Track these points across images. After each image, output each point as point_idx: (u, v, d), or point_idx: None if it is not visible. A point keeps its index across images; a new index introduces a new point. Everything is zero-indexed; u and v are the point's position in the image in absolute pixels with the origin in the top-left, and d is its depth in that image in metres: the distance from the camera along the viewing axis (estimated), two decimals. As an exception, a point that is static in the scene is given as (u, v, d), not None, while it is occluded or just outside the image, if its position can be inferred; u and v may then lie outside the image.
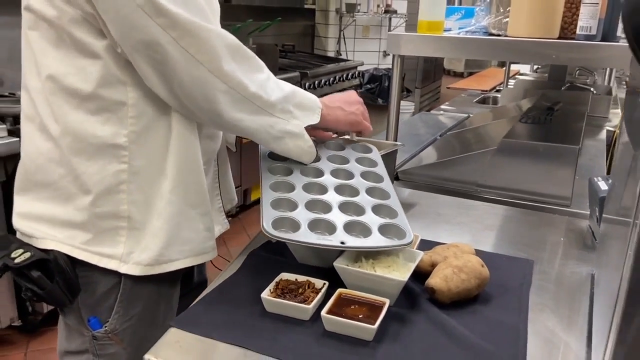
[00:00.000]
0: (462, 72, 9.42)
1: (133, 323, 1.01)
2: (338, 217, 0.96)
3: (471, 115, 2.59)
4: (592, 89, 2.97)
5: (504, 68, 4.99)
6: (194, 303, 0.91)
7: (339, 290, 0.89)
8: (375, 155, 1.20)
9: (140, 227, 0.95)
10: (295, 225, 0.93)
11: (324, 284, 0.91)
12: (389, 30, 5.59)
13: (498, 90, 3.57)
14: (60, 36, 0.88)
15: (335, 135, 1.22)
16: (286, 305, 0.86)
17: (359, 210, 1.00)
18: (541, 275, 1.05)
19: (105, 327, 0.99)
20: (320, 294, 0.88)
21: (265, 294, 0.88)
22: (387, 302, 0.86)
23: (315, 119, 1.04)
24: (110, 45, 0.88)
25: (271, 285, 0.90)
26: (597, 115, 2.62)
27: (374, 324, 0.80)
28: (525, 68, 4.65)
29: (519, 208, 1.44)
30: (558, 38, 1.33)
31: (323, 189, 1.05)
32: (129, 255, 0.95)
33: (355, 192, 1.05)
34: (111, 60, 0.88)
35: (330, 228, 0.94)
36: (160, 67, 0.87)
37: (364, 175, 1.12)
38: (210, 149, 1.06)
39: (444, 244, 1.07)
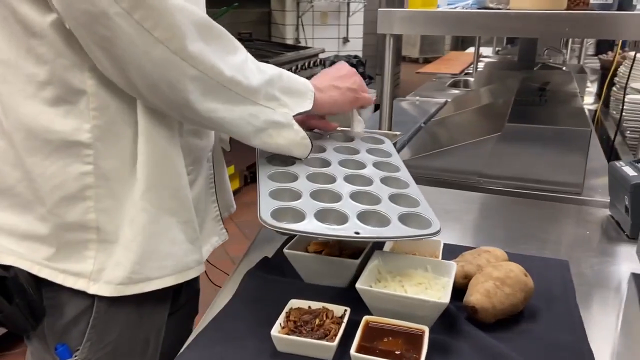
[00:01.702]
0: (417, 57, 9.37)
1: (108, 352, 0.85)
2: (350, 206, 0.81)
3: (449, 101, 2.47)
4: (563, 68, 2.91)
5: (467, 50, 4.94)
6: (183, 348, 0.73)
7: (366, 318, 0.72)
8: (389, 146, 1.04)
9: (112, 240, 0.80)
10: (299, 217, 0.77)
11: (345, 310, 0.75)
12: (348, 16, 5.44)
13: (467, 74, 3.47)
14: (2, 14, 0.72)
15: (337, 126, 1.05)
16: (304, 343, 0.69)
17: (374, 199, 0.84)
18: (579, 278, 0.92)
19: (76, 356, 0.84)
20: (343, 325, 0.71)
21: (276, 331, 0.70)
22: (427, 330, 0.70)
23: (307, 105, 0.89)
24: (58, 21, 0.70)
25: (281, 318, 0.73)
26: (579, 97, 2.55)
27: (417, 362, 0.65)
28: (487, 51, 4.60)
29: (527, 198, 1.32)
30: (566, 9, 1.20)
31: (331, 179, 0.88)
32: (100, 272, 0.80)
33: (368, 181, 0.89)
34: (60, 39, 0.72)
35: (341, 219, 0.78)
36: (111, 47, 0.70)
37: (377, 165, 0.96)
38: (196, 147, 0.88)
39: (469, 247, 0.92)
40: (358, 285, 0.74)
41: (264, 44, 4.62)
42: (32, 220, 0.80)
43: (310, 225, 0.75)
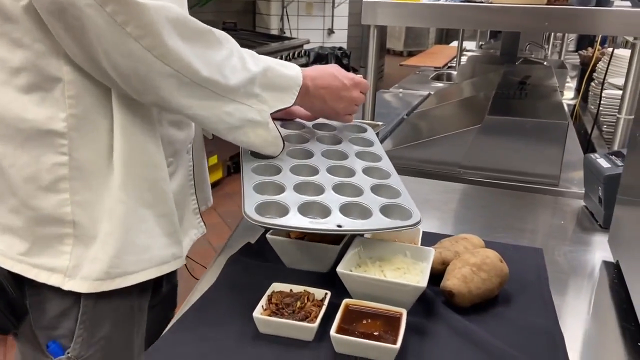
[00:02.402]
0: (401, 50, 9.40)
1: (102, 346, 0.84)
2: (333, 199, 0.83)
3: (432, 94, 2.49)
4: (545, 63, 2.95)
5: (451, 44, 4.97)
6: (167, 329, 0.74)
7: (346, 301, 0.74)
8: (371, 134, 1.06)
9: (89, 234, 0.78)
10: (282, 210, 0.79)
11: (326, 294, 0.76)
12: (333, 7, 5.43)
13: (450, 67, 3.50)
14: None
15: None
16: (285, 324, 0.71)
17: (357, 191, 0.87)
18: (552, 265, 0.95)
19: (69, 353, 0.82)
20: (323, 308, 0.73)
21: (258, 313, 0.72)
22: (404, 312, 0.72)
23: (288, 101, 0.87)
24: (31, 5, 0.69)
25: (263, 301, 0.74)
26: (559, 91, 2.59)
27: (395, 343, 0.67)
28: (470, 45, 4.64)
29: (506, 189, 1.35)
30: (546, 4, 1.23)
31: (314, 171, 0.90)
32: (76, 268, 0.78)
33: (350, 172, 0.91)
34: (35, 24, 0.70)
35: (324, 211, 0.80)
36: (81, 36, 0.68)
37: (359, 155, 0.98)
38: (176, 139, 0.87)
39: (447, 235, 0.95)
40: (339, 269, 0.76)
41: (249, 34, 4.60)
42: (6, 214, 0.78)
43: (294, 220, 0.76)
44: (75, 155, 0.75)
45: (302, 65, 0.93)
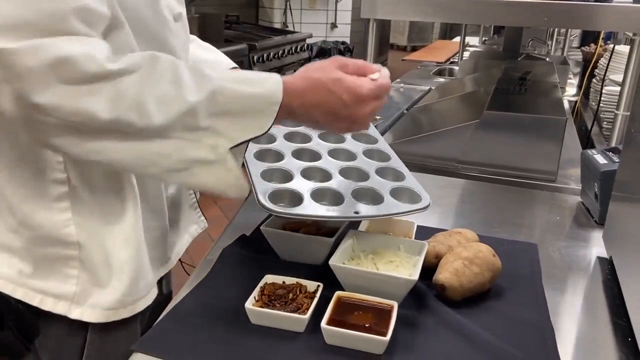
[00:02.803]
0: (405, 45, 9.37)
1: None
2: (344, 185, 0.84)
3: (432, 88, 2.49)
4: (547, 59, 2.94)
5: (454, 40, 4.95)
6: (160, 319, 0.74)
7: (338, 293, 0.75)
8: (372, 130, 1.06)
9: (98, 259, 0.73)
10: (295, 198, 0.79)
11: (318, 286, 0.77)
12: (337, 1, 5.41)
13: (452, 62, 3.49)
14: None
15: None
16: (276, 316, 0.71)
17: (363, 175, 0.88)
18: (547, 261, 0.95)
19: None
20: (315, 300, 0.74)
21: (250, 304, 0.72)
22: (396, 305, 0.72)
23: (259, 127, 0.68)
24: None
25: (255, 292, 0.75)
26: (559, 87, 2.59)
27: (385, 335, 0.67)
28: (474, 40, 4.62)
29: (503, 185, 1.35)
30: None
31: (316, 155, 0.91)
32: (83, 294, 0.74)
33: (351, 156, 0.92)
34: None
35: (336, 198, 0.82)
36: None
37: (355, 137, 0.98)
38: None
39: (442, 229, 0.95)
40: (331, 262, 0.76)
41: (252, 27, 4.59)
42: (5, 232, 0.73)
43: (310, 208, 0.77)
44: (73, 174, 0.71)
45: (304, 61, 0.90)
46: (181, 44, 0.82)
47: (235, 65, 1.03)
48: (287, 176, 0.84)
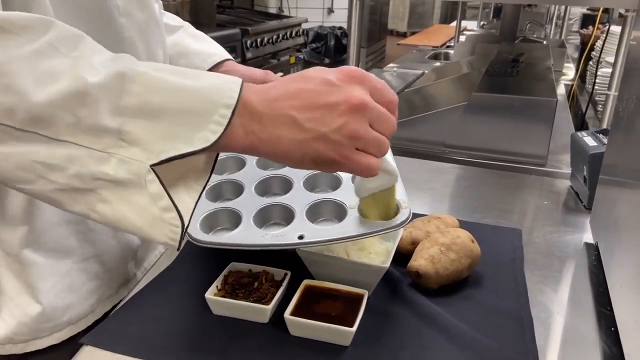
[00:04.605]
0: (405, 31, 9.26)
1: None
2: (300, 198, 0.73)
3: (426, 72, 2.43)
4: (544, 42, 2.88)
5: (451, 24, 4.88)
6: (115, 310, 0.71)
7: (305, 282, 0.71)
8: None
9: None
10: (235, 219, 0.70)
11: (285, 274, 0.73)
12: (333, -15, 5.34)
13: (449, 47, 3.43)
14: None
15: None
16: (238, 305, 0.67)
17: (334, 182, 0.78)
18: (531, 247, 0.92)
19: None
20: (281, 289, 0.70)
21: (211, 293, 0.69)
22: (366, 294, 0.69)
23: (200, 139, 0.47)
24: None
25: (218, 281, 0.71)
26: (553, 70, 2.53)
27: (351, 326, 0.63)
28: (472, 24, 4.55)
29: (491, 169, 1.31)
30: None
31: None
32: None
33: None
34: None
35: (287, 216, 0.71)
36: None
37: None
38: None
39: (421, 215, 0.91)
40: (299, 249, 0.72)
41: (246, 12, 4.52)
42: None
43: (243, 234, 0.65)
44: None
45: (299, 46, 0.77)
46: (136, 25, 0.73)
47: (230, 57, 0.93)
48: (237, 191, 0.75)
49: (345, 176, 0.79)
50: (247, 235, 0.65)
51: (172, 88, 0.47)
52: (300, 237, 0.64)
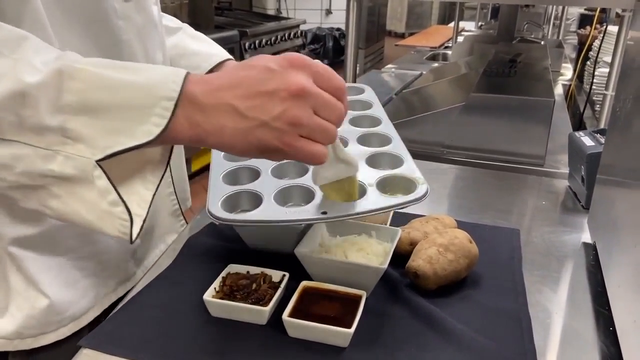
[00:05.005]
0: (403, 32, 9.27)
1: None
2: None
3: (424, 73, 2.44)
4: (542, 43, 2.89)
5: (449, 25, 4.89)
6: (113, 312, 0.71)
7: (303, 283, 0.71)
8: (370, 94, 0.95)
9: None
10: (255, 201, 0.69)
11: (283, 275, 0.73)
12: (331, -14, 5.34)
13: (447, 47, 3.44)
14: None
15: None
16: (236, 307, 0.67)
17: None
18: (529, 247, 0.92)
19: None
20: (279, 291, 0.70)
21: (209, 295, 0.68)
22: (364, 295, 0.69)
23: (147, 131, 0.48)
24: None
25: (216, 283, 0.71)
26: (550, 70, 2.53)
27: (349, 327, 0.63)
28: (470, 25, 4.56)
29: (489, 170, 1.31)
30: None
31: None
32: None
33: (343, 143, 0.81)
34: None
35: (306, 196, 0.70)
36: None
37: (355, 121, 0.87)
38: None
39: (419, 215, 0.91)
40: (297, 250, 0.73)
41: (244, 14, 4.53)
42: None
43: (268, 211, 0.65)
44: None
45: (298, 48, 0.77)
46: (134, 28, 0.72)
47: (230, 57, 0.92)
48: (254, 175, 0.74)
49: (360, 160, 0.76)
50: (271, 212, 0.64)
51: (112, 83, 0.48)
52: (324, 213, 0.63)
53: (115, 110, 0.48)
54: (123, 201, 0.50)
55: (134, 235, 0.51)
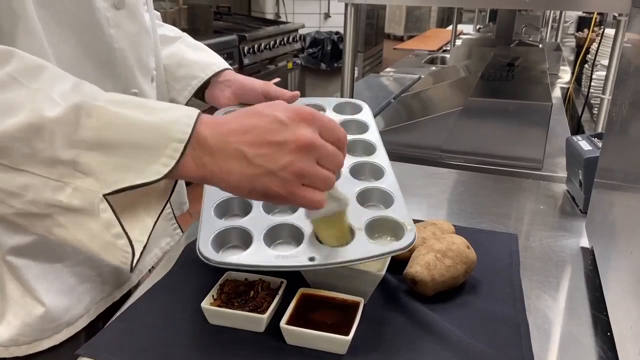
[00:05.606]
0: (402, 35, 9.29)
1: None
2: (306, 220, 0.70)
3: (422, 77, 2.44)
4: (540, 46, 2.89)
5: (447, 28, 4.90)
6: (111, 320, 0.71)
7: (301, 290, 0.71)
8: (367, 114, 0.91)
9: None
10: (245, 238, 0.69)
11: (281, 282, 0.73)
12: (330, -10, 5.35)
13: (445, 51, 3.44)
14: None
15: (297, 93, 0.83)
16: (234, 315, 0.67)
17: None
18: (527, 252, 0.92)
19: None
20: (277, 298, 0.70)
21: (207, 303, 0.69)
22: (362, 302, 0.69)
23: (156, 171, 0.50)
24: None
25: (214, 290, 0.71)
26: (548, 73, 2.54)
27: (347, 334, 0.63)
28: (468, 28, 4.57)
29: (487, 174, 1.31)
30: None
31: None
32: None
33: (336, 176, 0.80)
34: None
35: (296, 234, 0.69)
36: None
37: (350, 146, 0.80)
38: None
39: (418, 221, 0.91)
40: (294, 257, 0.72)
41: (243, 18, 4.53)
42: None
43: (256, 255, 0.64)
44: None
45: (297, 52, 0.77)
46: (127, 36, 0.72)
47: (229, 67, 0.92)
48: (246, 208, 0.73)
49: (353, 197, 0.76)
50: (260, 256, 0.65)
51: (127, 122, 0.50)
52: (311, 259, 0.64)
53: (128, 149, 0.50)
54: (126, 234, 0.52)
55: (134, 264, 0.53)
